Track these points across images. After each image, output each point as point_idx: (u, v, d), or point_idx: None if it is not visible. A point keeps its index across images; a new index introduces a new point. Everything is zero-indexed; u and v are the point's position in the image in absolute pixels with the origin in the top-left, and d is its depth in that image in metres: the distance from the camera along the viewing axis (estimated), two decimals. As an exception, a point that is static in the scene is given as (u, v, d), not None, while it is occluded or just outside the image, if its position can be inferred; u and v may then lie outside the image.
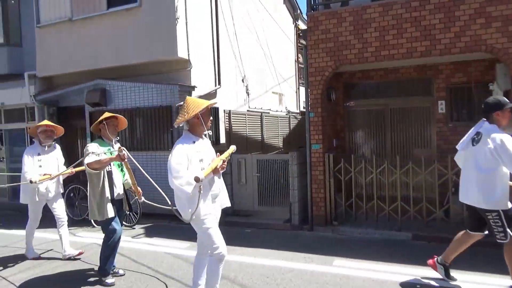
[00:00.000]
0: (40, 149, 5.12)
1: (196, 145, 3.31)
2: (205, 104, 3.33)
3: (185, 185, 3.05)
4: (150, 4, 7.53)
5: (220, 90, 8.65)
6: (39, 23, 8.76)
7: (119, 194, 4.25)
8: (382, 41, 5.78)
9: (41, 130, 5.11)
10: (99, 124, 4.32)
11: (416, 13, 5.58)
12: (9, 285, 4.38)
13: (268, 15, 11.19)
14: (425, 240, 5.50)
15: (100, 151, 4.07)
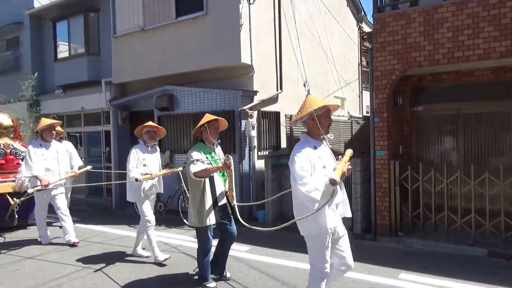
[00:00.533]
0: (144, 149, 5.24)
1: (318, 151, 3.04)
2: (319, 103, 3.02)
3: (313, 192, 2.77)
4: (215, 12, 7.79)
5: (281, 94, 8.68)
6: (115, 34, 9.45)
7: (220, 200, 4.09)
8: (456, 41, 5.41)
9: (146, 131, 5.25)
10: (200, 127, 4.23)
11: (495, 10, 5.15)
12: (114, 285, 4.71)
13: (331, 18, 11.02)
14: (503, 257, 5.03)
15: (203, 157, 3.99)
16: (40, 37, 12.04)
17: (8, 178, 6.90)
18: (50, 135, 6.10)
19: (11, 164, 7.18)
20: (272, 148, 8.38)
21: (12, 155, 7.30)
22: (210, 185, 3.99)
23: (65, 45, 11.19)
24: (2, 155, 7.21)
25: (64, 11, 11.04)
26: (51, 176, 5.95)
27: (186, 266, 5.00)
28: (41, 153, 5.98)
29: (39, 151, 5.98)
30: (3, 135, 7.56)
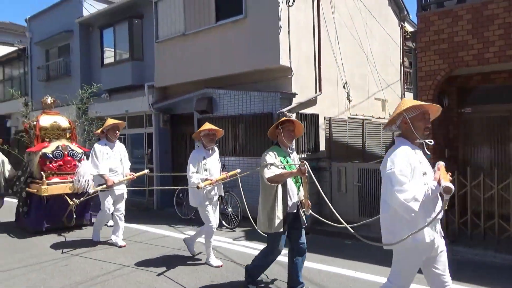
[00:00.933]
0: (205, 153, 5.09)
1: (418, 155, 2.73)
2: (409, 104, 2.75)
3: (411, 201, 2.46)
4: (254, 15, 7.84)
5: (320, 96, 8.58)
6: (158, 39, 9.75)
7: (293, 207, 3.86)
8: (508, 39, 5.11)
9: (204, 134, 5.10)
10: (275, 129, 3.96)
11: (553, 5, 4.82)
12: (156, 283, 4.81)
13: (371, 19, 10.77)
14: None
15: (277, 161, 3.75)
16: (88, 44, 12.68)
17: (65, 179, 7.08)
18: (114, 135, 6.11)
19: (68, 166, 7.23)
20: (310, 151, 8.29)
21: (70, 157, 7.32)
22: (283, 191, 3.76)
23: (111, 51, 11.70)
24: (60, 156, 7.24)
25: (110, 18, 11.56)
26: (114, 176, 5.96)
27: (225, 270, 5.04)
28: (106, 152, 5.97)
29: (104, 149, 5.97)
30: (61, 137, 7.64)
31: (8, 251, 5.98)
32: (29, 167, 7.33)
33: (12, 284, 4.59)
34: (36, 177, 7.17)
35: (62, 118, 7.87)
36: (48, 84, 14.00)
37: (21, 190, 7.29)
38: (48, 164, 7.08)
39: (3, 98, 17.19)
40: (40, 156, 7.10)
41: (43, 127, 7.46)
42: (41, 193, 6.76)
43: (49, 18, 13.95)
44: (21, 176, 7.48)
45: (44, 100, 7.90)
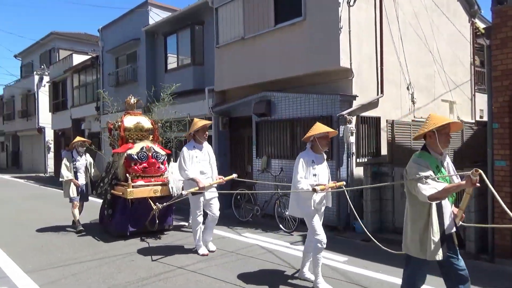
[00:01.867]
0: (314, 157, 4.52)
1: None
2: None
3: None
4: (314, 17, 7.75)
5: (382, 99, 8.25)
6: (218, 44, 10.01)
7: (450, 228, 3.10)
8: None
9: (322, 136, 4.46)
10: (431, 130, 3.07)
11: None
12: (215, 281, 5.02)
13: (439, 15, 10.16)
14: None
15: (430, 172, 2.97)
16: (153, 51, 13.37)
17: (149, 182, 6.80)
18: (203, 136, 5.85)
19: (153, 168, 6.92)
20: (371, 155, 8.01)
21: (154, 159, 7.00)
22: (437, 209, 3.03)
23: (174, 57, 12.24)
24: (145, 158, 6.91)
25: (173, 26, 12.09)
26: (205, 180, 5.68)
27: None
28: (195, 155, 5.70)
29: (193, 152, 5.71)
30: (144, 138, 7.40)
31: (84, 246, 6.46)
32: (113, 169, 7.20)
33: (86, 277, 4.94)
34: (120, 179, 7.00)
35: (145, 118, 7.67)
36: (117, 89, 14.97)
37: (106, 192, 7.14)
38: (133, 166, 6.81)
39: (79, 103, 18.68)
40: (125, 158, 6.88)
41: (127, 128, 7.25)
42: (126, 196, 6.47)
43: (119, 27, 14.94)
44: (105, 177, 7.39)
45: (128, 101, 7.76)
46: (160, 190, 6.75)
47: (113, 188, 7.03)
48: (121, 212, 6.81)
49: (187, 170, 5.59)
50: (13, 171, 26.81)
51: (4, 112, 30.01)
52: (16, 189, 15.92)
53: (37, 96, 23.74)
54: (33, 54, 27.83)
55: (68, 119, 19.55)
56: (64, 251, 6.11)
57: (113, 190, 7.00)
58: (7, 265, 5.36)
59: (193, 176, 5.56)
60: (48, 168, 23.15)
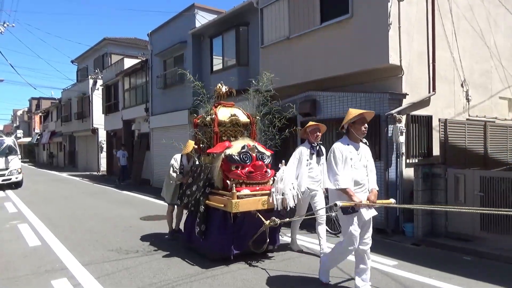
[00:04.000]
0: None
1: None
2: None
3: None
4: (361, 14, 7.56)
5: (434, 97, 7.88)
6: (263, 44, 10.05)
7: None
8: None
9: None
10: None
11: None
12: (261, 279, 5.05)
13: (496, 7, 9.55)
14: None
15: None
16: (200, 53, 13.68)
17: (255, 190, 5.30)
18: (362, 131, 4.07)
19: (259, 173, 5.38)
20: (422, 156, 7.67)
21: (259, 160, 5.46)
22: None
23: (219, 59, 12.46)
24: (248, 159, 5.38)
25: (219, 28, 12.31)
26: (361, 193, 4.02)
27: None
28: (350, 157, 4.00)
29: (347, 152, 4.01)
30: (239, 135, 5.98)
31: (136, 241, 6.75)
32: (205, 173, 5.67)
33: (137, 271, 5.15)
34: (217, 187, 5.48)
35: (239, 111, 6.23)
36: (165, 91, 15.49)
37: (197, 203, 5.55)
38: (234, 170, 5.28)
39: (129, 105, 19.54)
40: (222, 159, 5.34)
41: (221, 122, 5.80)
42: (230, 209, 4.92)
43: (167, 31, 15.45)
44: (192, 184, 5.91)
45: (218, 89, 6.45)
46: (268, 201, 5.23)
47: (207, 198, 5.46)
48: (220, 229, 5.27)
49: (338, 175, 3.92)
50: (69, 169, 28.65)
51: (62, 114, 32.16)
52: (73, 186, 16.96)
53: (91, 98, 25.13)
54: (88, 59, 29.49)
55: (119, 120, 20.51)
56: (119, 245, 6.40)
57: (208, 200, 5.43)
58: (67, 258, 5.71)
59: (344, 187, 3.88)
60: (100, 166, 24.42)
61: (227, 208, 5.03)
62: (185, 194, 6.00)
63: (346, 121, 4.08)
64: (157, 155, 16.35)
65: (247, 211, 5.10)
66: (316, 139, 5.54)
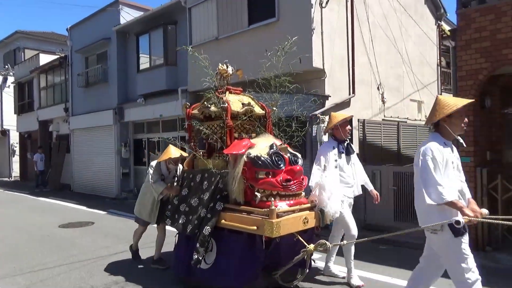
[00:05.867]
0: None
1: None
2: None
3: None
4: (287, 18, 7.83)
5: (354, 98, 8.43)
6: (191, 44, 9.93)
7: None
8: (557, 35, 4.82)
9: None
10: None
11: None
12: None
13: (407, 18, 10.50)
14: None
15: None
16: (125, 51, 13.11)
17: (292, 205, 3.79)
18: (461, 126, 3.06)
19: (297, 181, 3.85)
20: (344, 154, 8.15)
21: (294, 165, 3.93)
22: None
23: (146, 57, 12.06)
24: (281, 162, 3.81)
25: (145, 25, 11.91)
26: None
27: None
28: (451, 160, 3.04)
29: (447, 154, 3.01)
30: (252, 130, 4.65)
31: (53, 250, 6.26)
32: (212, 183, 4.11)
33: (55, 283, 4.79)
34: (237, 201, 3.89)
35: (249, 99, 4.86)
36: (87, 90, 14.59)
37: (202, 223, 3.98)
38: (264, 177, 3.73)
39: (46, 104, 18.07)
40: (245, 163, 3.79)
41: (234, 113, 4.37)
42: (270, 232, 3.43)
43: (89, 26, 14.57)
44: (189, 197, 4.35)
45: (222, 70, 5.02)
46: (311, 219, 3.84)
47: (219, 217, 3.91)
48: (244, 258, 3.80)
49: (442, 185, 2.87)
50: (-25, 176, 25.60)
51: (-35, 114, 28.63)
52: (-21, 194, 15.21)
53: (1, 97, 22.78)
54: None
55: (35, 121, 18.86)
56: (33, 256, 5.89)
57: (225, 220, 3.86)
58: (-29, 273, 5.13)
59: (451, 199, 2.84)
60: (13, 172, 22.24)
61: (261, 231, 3.49)
62: (178, 212, 4.40)
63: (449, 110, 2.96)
64: (78, 158, 15.34)
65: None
66: (347, 134, 4.45)
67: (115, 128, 13.05)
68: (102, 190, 13.59)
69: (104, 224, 8.30)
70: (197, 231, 4.00)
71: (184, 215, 4.29)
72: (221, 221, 3.87)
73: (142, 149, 12.91)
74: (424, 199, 2.92)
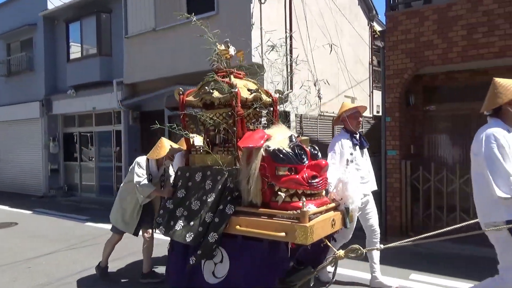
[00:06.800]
0: None
1: None
2: None
3: None
4: (226, 12, 7.80)
5: (291, 94, 8.64)
6: (127, 34, 9.52)
7: None
8: (470, 40, 5.34)
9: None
10: None
11: (511, 7, 5.07)
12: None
13: (342, 17, 10.97)
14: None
15: None
16: (53, 38, 12.20)
17: (319, 205, 3.21)
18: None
19: (323, 178, 3.26)
20: (282, 148, 8.35)
21: (315, 159, 3.34)
22: None
23: (78, 46, 11.33)
24: (304, 156, 3.25)
25: (76, 12, 11.17)
26: None
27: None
28: None
29: (510, 140, 2.68)
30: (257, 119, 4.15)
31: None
32: (219, 182, 3.47)
33: (-29, 289, 4.37)
34: (256, 202, 3.23)
35: (254, 84, 4.22)
36: (9, 80, 13.39)
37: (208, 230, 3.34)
38: (286, 174, 3.14)
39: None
40: (264, 158, 3.19)
41: (243, 100, 3.73)
42: (303, 239, 2.90)
43: (12, 10, 13.31)
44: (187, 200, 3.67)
45: (223, 50, 4.34)
46: (338, 221, 3.39)
47: (232, 222, 3.27)
48: (265, 269, 3.19)
49: None
50: None
51: None
52: None
53: None
54: None
55: None
56: None
57: (240, 225, 3.23)
58: None
59: None
60: None
61: (292, 238, 2.94)
62: (174, 217, 3.63)
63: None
64: (1, 153, 14.06)
65: None
66: (358, 126, 4.11)
67: (42, 121, 12.14)
68: (28, 188, 12.60)
69: (29, 224, 7.72)
70: (202, 239, 3.31)
71: (183, 221, 3.54)
72: (235, 227, 3.21)
73: (73, 143, 12.17)
74: (489, 192, 2.58)
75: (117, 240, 4.52)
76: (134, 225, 4.31)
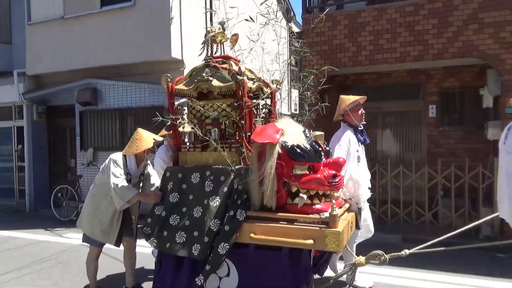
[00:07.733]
0: None
1: None
2: None
3: None
4: (144, 4, 7.46)
5: (213, 91, 8.61)
6: (30, 21, 8.62)
7: None
8: (376, 45, 5.82)
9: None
10: None
11: (410, 18, 5.64)
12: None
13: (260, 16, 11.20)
14: (414, 242, 5.45)
15: None
16: None
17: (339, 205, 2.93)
18: None
19: (340, 178, 2.84)
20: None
21: (330, 156, 3.09)
22: None
23: (-31, 30, 9.97)
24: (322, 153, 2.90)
25: (-33, -9, 9.82)
26: None
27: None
28: None
29: None
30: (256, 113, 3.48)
31: None
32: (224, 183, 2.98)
33: None
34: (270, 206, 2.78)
35: (250, 73, 3.72)
36: None
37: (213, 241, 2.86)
38: (305, 173, 2.74)
39: None
40: (280, 155, 2.74)
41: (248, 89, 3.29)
42: (336, 246, 2.55)
43: None
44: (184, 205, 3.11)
45: (219, 33, 3.78)
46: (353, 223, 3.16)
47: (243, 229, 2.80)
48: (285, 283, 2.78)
49: None
50: None
51: None
52: None
53: None
54: None
55: None
56: None
57: (254, 233, 2.76)
58: None
59: None
60: None
61: (322, 245, 2.58)
62: (168, 227, 3.05)
63: None
64: None
65: None
66: (361, 119, 3.88)
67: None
68: None
69: None
70: (209, 251, 2.83)
71: (184, 231, 2.96)
72: (248, 235, 2.73)
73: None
74: None
75: (97, 254, 3.78)
76: (115, 234, 3.60)
